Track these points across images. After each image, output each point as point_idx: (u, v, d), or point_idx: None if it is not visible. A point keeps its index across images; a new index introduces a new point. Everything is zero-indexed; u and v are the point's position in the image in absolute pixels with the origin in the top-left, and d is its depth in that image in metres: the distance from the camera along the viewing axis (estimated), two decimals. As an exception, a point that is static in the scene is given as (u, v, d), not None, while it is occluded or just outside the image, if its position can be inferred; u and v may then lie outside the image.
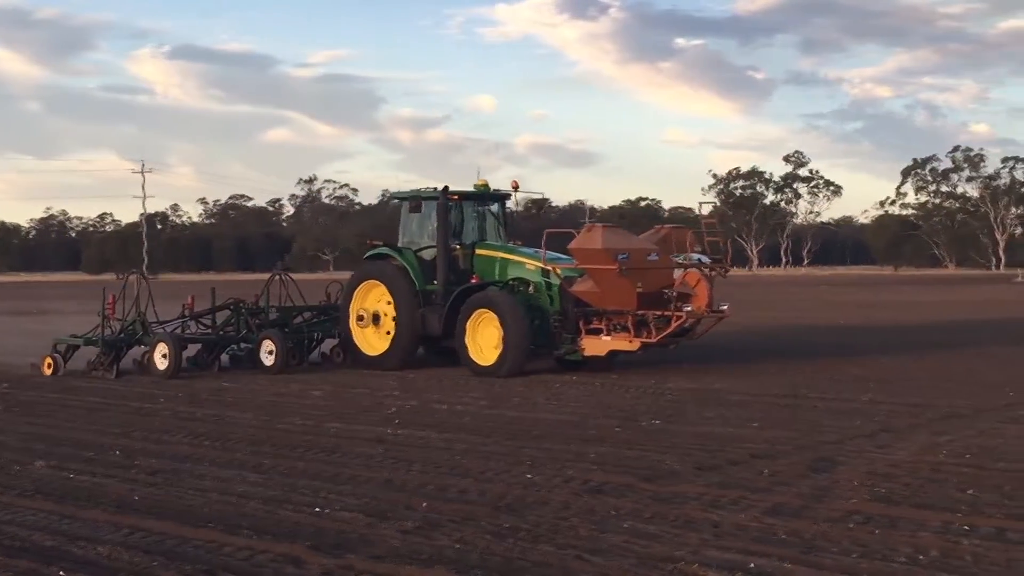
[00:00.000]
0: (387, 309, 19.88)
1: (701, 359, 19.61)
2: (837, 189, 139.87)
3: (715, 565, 7.04)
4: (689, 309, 17.60)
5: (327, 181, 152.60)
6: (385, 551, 7.48)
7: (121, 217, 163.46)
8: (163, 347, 18.71)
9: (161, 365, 18.64)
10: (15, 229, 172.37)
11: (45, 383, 18.35)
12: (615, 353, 18.42)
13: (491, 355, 18.23)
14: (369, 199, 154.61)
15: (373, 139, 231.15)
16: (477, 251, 19.85)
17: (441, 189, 19.75)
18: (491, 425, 13.15)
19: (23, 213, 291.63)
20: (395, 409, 14.63)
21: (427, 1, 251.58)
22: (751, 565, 7.03)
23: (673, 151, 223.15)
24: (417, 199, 20.04)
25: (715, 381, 17.20)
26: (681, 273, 18.10)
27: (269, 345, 19.30)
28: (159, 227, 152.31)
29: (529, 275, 19.01)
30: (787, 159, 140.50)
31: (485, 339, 18.37)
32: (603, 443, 11.65)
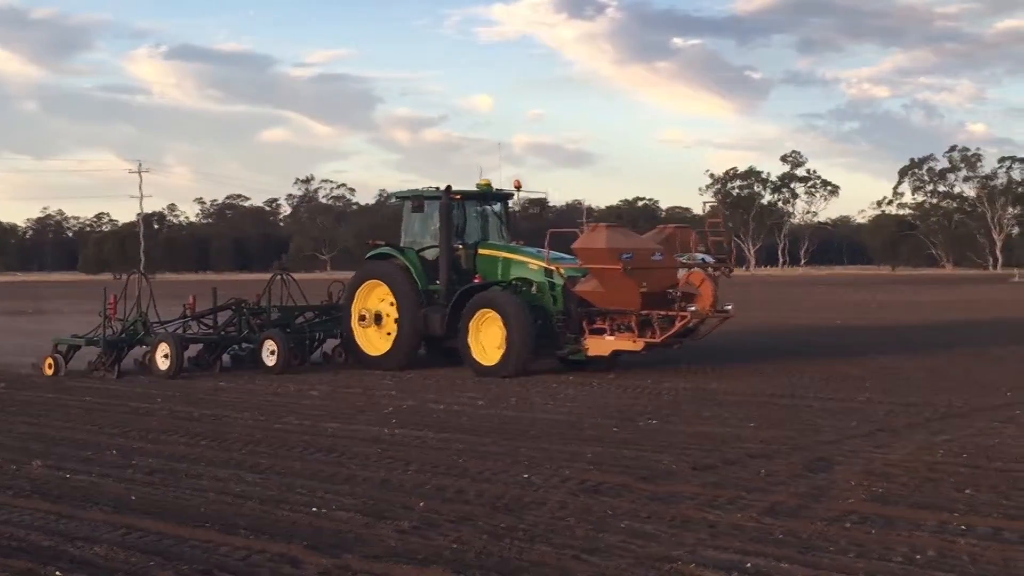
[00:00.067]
0: (389, 309, 19.84)
1: (698, 359, 19.60)
2: (834, 189, 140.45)
3: (712, 565, 7.04)
4: (693, 309, 17.52)
5: (324, 181, 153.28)
6: (382, 551, 7.49)
7: (118, 217, 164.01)
8: (165, 347, 18.67)
9: (163, 365, 18.60)
10: (12, 229, 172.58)
11: (42, 383, 18.33)
12: (618, 353, 18.38)
13: (494, 355, 18.19)
14: (366, 199, 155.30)
15: (370, 139, 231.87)
16: (480, 251, 19.78)
17: (444, 188, 19.68)
18: (488, 425, 13.15)
19: (20, 213, 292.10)
20: (392, 409, 14.63)
21: (424, 1, 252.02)
22: (748, 565, 7.04)
23: (670, 151, 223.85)
24: (420, 198, 19.96)
25: (712, 381, 17.21)
26: (685, 273, 18.04)
27: (271, 345, 19.26)
28: (156, 227, 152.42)
29: (532, 275, 18.94)
30: (784, 159, 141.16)
31: (488, 339, 18.33)
32: (600, 443, 11.65)
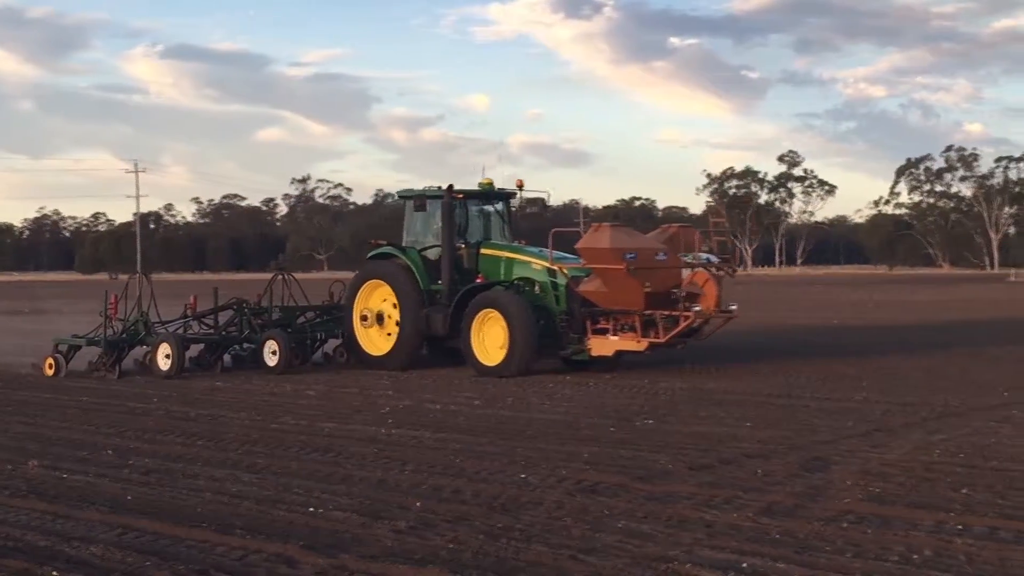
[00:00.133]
0: (391, 309, 19.77)
1: (695, 359, 19.58)
2: (831, 189, 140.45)
3: (708, 565, 7.04)
4: (697, 309, 17.45)
5: (321, 181, 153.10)
6: (379, 551, 7.48)
7: (115, 217, 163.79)
8: (166, 347, 18.58)
9: (164, 365, 18.51)
10: (8, 229, 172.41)
11: (38, 383, 18.31)
12: (621, 353, 18.32)
13: (497, 355, 18.12)
14: (363, 199, 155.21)
15: (367, 138, 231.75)
16: (482, 250, 19.71)
17: (446, 188, 19.57)
18: (485, 425, 13.14)
19: (16, 212, 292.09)
20: (389, 409, 14.62)
21: (420, 0, 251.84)
22: (744, 565, 7.04)
23: (667, 151, 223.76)
24: (422, 198, 19.87)
25: (709, 381, 17.22)
26: (689, 273, 17.98)
27: (273, 345, 19.17)
28: (153, 227, 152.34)
29: (535, 274, 18.87)
30: (781, 159, 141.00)
31: (491, 339, 18.25)
32: (597, 443, 11.65)
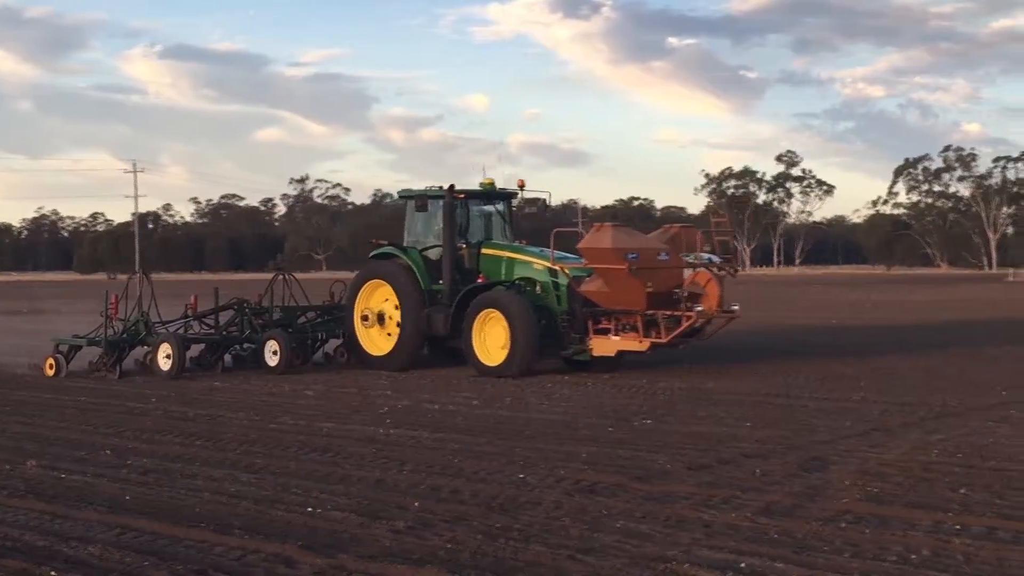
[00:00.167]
0: (392, 309, 19.72)
1: (693, 359, 19.57)
2: (829, 189, 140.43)
3: (707, 565, 7.05)
4: (700, 309, 17.40)
5: (319, 181, 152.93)
6: (377, 551, 7.48)
7: (113, 217, 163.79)
8: (167, 347, 18.51)
9: (165, 366, 18.43)
10: (7, 229, 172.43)
11: (36, 382, 18.29)
12: (623, 353, 18.26)
13: (498, 355, 18.08)
14: (361, 199, 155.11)
15: (365, 138, 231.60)
16: (483, 250, 19.66)
17: (447, 188, 19.53)
18: (483, 425, 13.15)
19: (15, 213, 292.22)
20: (387, 409, 14.62)
21: (419, 0, 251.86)
22: (743, 565, 7.04)
23: (665, 150, 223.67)
24: (423, 198, 19.79)
25: (707, 380, 17.21)
26: (691, 273, 17.93)
27: (273, 345, 19.10)
28: (151, 227, 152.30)
29: (536, 274, 18.83)
30: (779, 158, 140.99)
31: (492, 339, 18.20)
32: (595, 443, 11.65)
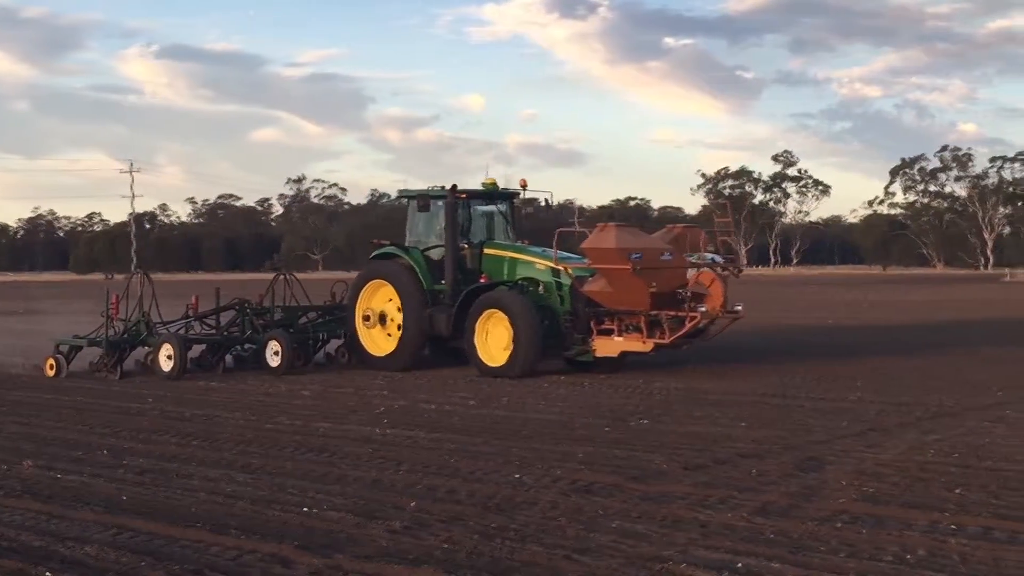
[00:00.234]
0: (394, 309, 19.67)
1: (690, 359, 19.58)
2: (826, 189, 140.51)
3: (703, 565, 7.05)
4: (703, 309, 17.30)
5: (316, 181, 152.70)
6: (373, 551, 7.48)
7: (109, 217, 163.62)
8: (168, 348, 18.41)
9: (166, 366, 18.33)
10: (3, 229, 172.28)
11: (32, 383, 18.27)
12: (625, 354, 18.19)
13: (501, 356, 18.03)
14: (358, 199, 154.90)
15: (362, 138, 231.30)
16: (485, 250, 19.61)
17: (449, 188, 19.48)
18: (480, 425, 13.15)
19: (11, 213, 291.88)
20: (384, 409, 14.62)
21: (415, 0, 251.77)
22: (739, 565, 7.05)
23: (662, 151, 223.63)
24: (425, 198, 19.76)
25: (703, 381, 17.22)
26: (695, 273, 17.88)
27: (275, 346, 19.00)
28: (148, 227, 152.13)
29: (539, 275, 18.78)
30: (776, 159, 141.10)
31: (495, 340, 18.15)
32: (591, 443, 11.66)
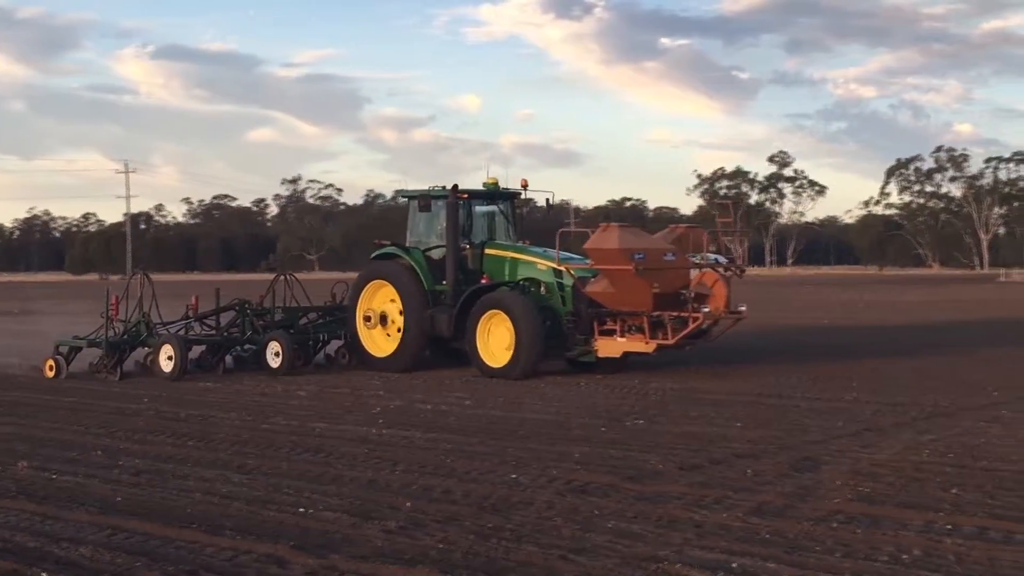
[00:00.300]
0: (395, 310, 19.62)
1: (685, 359, 19.60)
2: (821, 189, 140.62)
3: (698, 565, 7.06)
4: (707, 310, 17.26)
5: (312, 181, 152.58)
6: (369, 551, 7.48)
7: (105, 217, 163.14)
8: (168, 349, 18.33)
9: (167, 367, 18.24)
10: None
11: (27, 383, 18.25)
12: (628, 355, 18.14)
13: (503, 357, 17.96)
14: (354, 199, 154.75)
15: (358, 139, 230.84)
16: (487, 251, 19.57)
17: (451, 188, 19.42)
18: (476, 425, 13.15)
19: (6, 213, 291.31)
20: (380, 409, 14.61)
21: (412, 1, 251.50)
22: (734, 565, 7.05)
23: (658, 151, 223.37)
24: (426, 198, 19.69)
25: (699, 381, 17.23)
26: (698, 273, 17.85)
27: (275, 347, 18.94)
28: (143, 227, 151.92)
29: (540, 275, 18.75)
30: (772, 159, 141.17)
31: (496, 340, 18.08)
32: (587, 443, 11.66)
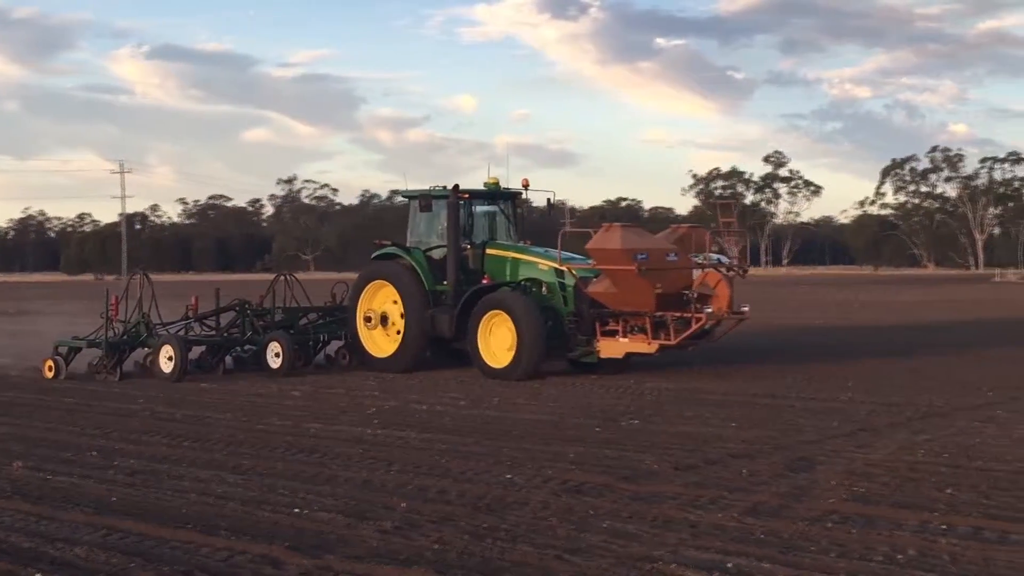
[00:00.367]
0: (395, 310, 19.58)
1: (680, 359, 19.61)
2: (817, 189, 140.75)
3: (693, 565, 7.06)
4: (709, 311, 17.20)
5: (307, 181, 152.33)
6: (364, 551, 7.48)
7: (100, 217, 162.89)
8: (168, 349, 18.24)
9: (167, 368, 18.14)
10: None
11: (24, 383, 18.23)
12: (630, 355, 18.09)
13: (504, 357, 17.90)
14: (349, 199, 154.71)
15: (353, 139, 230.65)
16: (488, 251, 19.53)
17: (451, 188, 19.39)
18: (471, 425, 13.15)
19: (1, 213, 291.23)
20: (375, 410, 14.61)
21: (406, 1, 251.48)
22: (729, 565, 7.06)
23: (653, 151, 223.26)
24: (427, 198, 19.63)
25: (694, 381, 17.24)
26: (700, 273, 17.79)
27: (276, 347, 18.88)
28: (139, 227, 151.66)
29: (541, 275, 18.71)
30: (767, 159, 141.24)
31: (498, 341, 18.02)
32: (582, 443, 11.66)
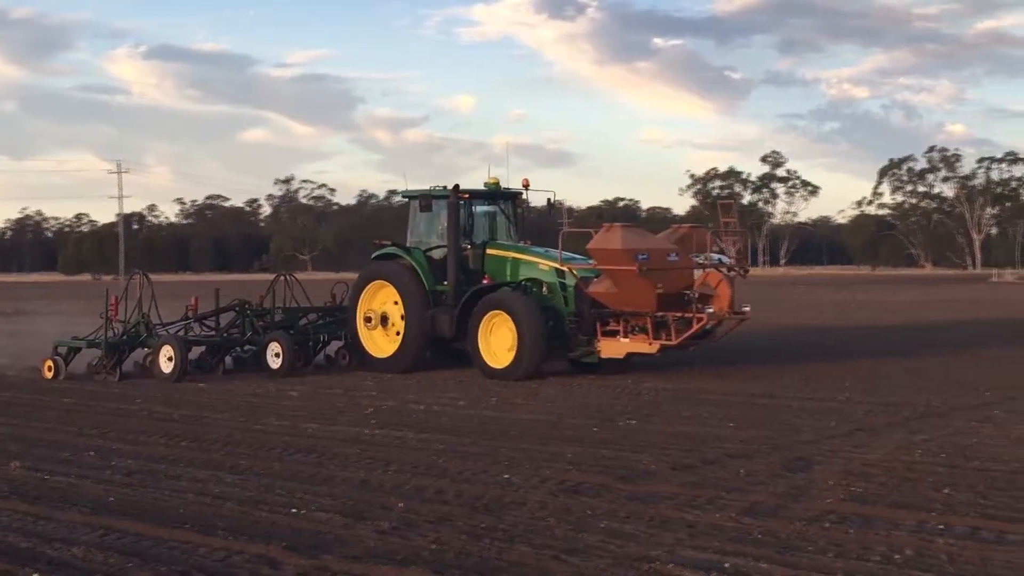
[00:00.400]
0: (396, 310, 19.55)
1: (678, 359, 19.61)
2: (814, 189, 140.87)
3: (691, 565, 7.06)
4: (710, 311, 17.19)
5: (305, 181, 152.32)
6: (361, 551, 7.48)
7: (97, 217, 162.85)
8: (168, 350, 18.20)
9: (166, 368, 18.10)
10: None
11: (22, 383, 18.22)
12: (631, 355, 18.09)
13: (504, 358, 17.88)
14: (347, 199, 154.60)
15: (351, 139, 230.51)
16: (488, 251, 19.52)
17: (452, 188, 19.37)
18: (468, 425, 13.15)
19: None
20: (372, 410, 14.61)
21: (405, 1, 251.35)
22: (727, 565, 7.06)
23: (651, 151, 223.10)
24: (427, 198, 19.61)
25: (691, 381, 17.25)
26: (702, 274, 17.77)
27: (276, 347, 18.85)
28: (136, 227, 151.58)
29: (542, 275, 18.70)
30: (764, 159, 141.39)
31: (498, 341, 17.99)
32: (580, 443, 11.67)
